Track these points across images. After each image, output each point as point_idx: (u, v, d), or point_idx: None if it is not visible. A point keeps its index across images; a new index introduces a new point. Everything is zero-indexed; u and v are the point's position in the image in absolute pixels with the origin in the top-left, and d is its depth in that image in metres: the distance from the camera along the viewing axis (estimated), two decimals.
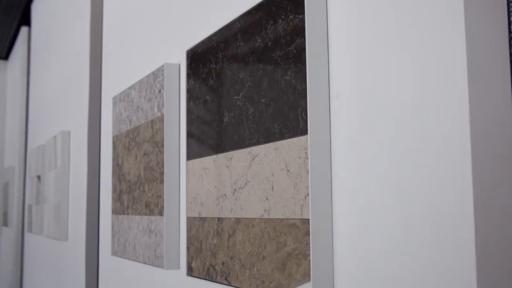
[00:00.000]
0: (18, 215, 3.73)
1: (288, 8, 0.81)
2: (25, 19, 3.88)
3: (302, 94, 0.77)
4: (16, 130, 4.00)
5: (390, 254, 0.64)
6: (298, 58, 0.78)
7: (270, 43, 0.85)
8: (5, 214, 4.30)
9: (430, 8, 0.60)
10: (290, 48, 0.80)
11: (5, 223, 4.28)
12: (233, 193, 0.94)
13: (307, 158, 0.75)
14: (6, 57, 4.90)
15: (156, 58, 1.38)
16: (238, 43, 0.95)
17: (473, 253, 0.54)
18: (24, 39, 3.88)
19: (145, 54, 1.48)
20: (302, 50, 0.77)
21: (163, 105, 1.23)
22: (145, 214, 1.32)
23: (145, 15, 1.51)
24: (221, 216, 0.98)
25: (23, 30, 3.91)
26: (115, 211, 1.57)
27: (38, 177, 2.92)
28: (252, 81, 0.90)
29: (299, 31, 0.78)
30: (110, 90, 1.79)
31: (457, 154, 0.56)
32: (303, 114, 0.76)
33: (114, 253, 1.57)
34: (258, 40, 0.89)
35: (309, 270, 0.74)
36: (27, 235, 3.48)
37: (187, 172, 1.12)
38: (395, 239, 0.64)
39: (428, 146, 0.59)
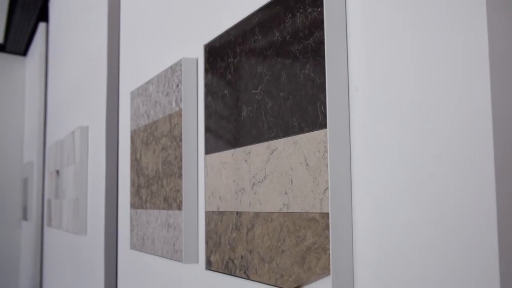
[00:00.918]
0: (38, 209, 3.76)
1: (307, 1, 0.80)
2: (43, 15, 3.90)
3: (321, 87, 0.77)
4: (35, 125, 4.03)
5: (410, 248, 0.64)
6: (316, 52, 0.78)
7: (288, 36, 0.85)
8: (25, 209, 4.35)
9: None
10: (308, 41, 0.80)
11: (25, 218, 4.32)
12: (252, 187, 0.94)
13: (326, 152, 0.75)
14: (24, 53, 4.94)
15: (174, 52, 1.39)
16: (256, 37, 0.95)
17: (496, 244, 0.53)
18: (42, 35, 3.91)
19: (162, 48, 1.49)
20: (320, 44, 0.77)
21: (181, 100, 1.23)
22: (164, 209, 1.32)
23: (163, 9, 1.51)
24: (239, 210, 0.98)
25: (41, 26, 3.94)
26: (133, 205, 1.58)
27: (57, 171, 2.94)
28: (270, 75, 0.90)
29: (318, 24, 0.78)
30: (127, 85, 1.80)
31: (479, 148, 0.55)
32: (322, 108, 0.76)
33: (133, 247, 1.58)
34: (276, 34, 0.88)
35: (329, 264, 0.73)
36: (47, 229, 3.51)
37: (206, 167, 1.12)
38: (414, 233, 0.63)
39: (449, 140, 0.59)
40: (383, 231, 0.68)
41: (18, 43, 4.65)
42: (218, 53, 1.09)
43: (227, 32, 1.06)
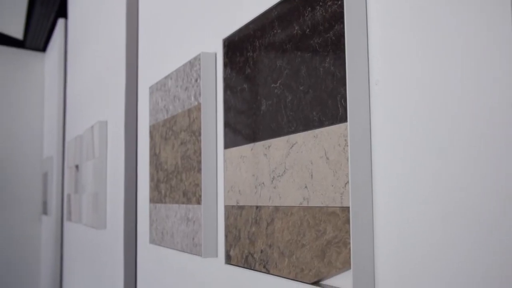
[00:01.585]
0: (57, 204, 3.79)
1: None
2: (62, 11, 3.93)
3: (341, 81, 0.76)
4: (54, 121, 4.06)
5: (431, 242, 0.63)
6: (337, 45, 0.77)
7: (308, 30, 0.85)
8: (45, 203, 4.39)
9: None
10: (328, 34, 0.79)
11: (45, 212, 4.36)
12: (272, 181, 0.94)
13: (347, 146, 0.74)
14: (43, 49, 4.97)
15: (192, 47, 1.39)
16: (275, 31, 0.95)
17: None
18: (61, 31, 3.93)
19: (181, 43, 1.49)
20: (341, 37, 0.76)
21: (200, 94, 1.23)
22: (183, 203, 1.33)
23: (181, 4, 1.51)
24: (259, 204, 0.98)
25: (60, 22, 3.96)
26: (152, 200, 1.59)
27: (76, 166, 2.96)
28: (290, 68, 0.89)
29: (338, 18, 0.77)
30: (146, 79, 1.80)
31: (504, 143, 0.55)
32: (343, 101, 0.76)
33: (152, 241, 1.59)
34: (296, 28, 0.88)
35: (349, 258, 0.73)
36: (66, 223, 3.54)
37: (225, 161, 1.12)
38: (435, 227, 0.63)
39: (472, 134, 0.58)
40: (404, 225, 0.68)
41: (38, 39, 4.68)
42: (237, 47, 1.09)
43: (246, 26, 1.06)
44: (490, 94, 0.56)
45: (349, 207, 0.73)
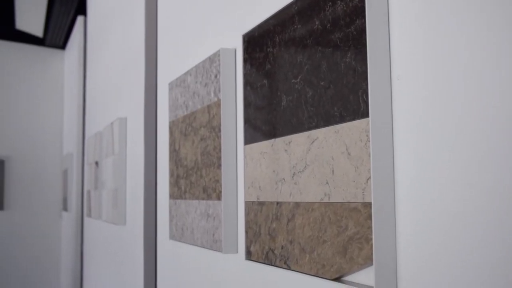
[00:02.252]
0: (77, 200, 3.82)
1: None
2: (81, 9, 3.95)
3: (362, 76, 0.76)
4: (74, 118, 4.09)
5: (455, 238, 0.63)
6: (358, 40, 0.77)
7: (328, 25, 0.84)
8: (65, 200, 4.42)
9: None
10: (349, 29, 0.79)
11: (65, 208, 4.40)
12: (292, 177, 0.94)
13: (369, 141, 0.74)
14: (63, 46, 5.01)
15: (212, 43, 1.39)
16: (295, 26, 0.95)
17: None
18: (81, 29, 3.95)
19: (200, 39, 1.49)
20: (362, 31, 0.76)
21: (219, 90, 1.23)
22: (203, 199, 1.33)
23: (200, 0, 1.51)
24: (280, 200, 0.98)
25: (79, 19, 3.99)
26: (172, 196, 1.59)
27: (96, 163, 2.98)
28: (310, 64, 0.89)
29: (359, 12, 0.77)
30: (165, 76, 1.81)
31: None
32: (364, 97, 0.75)
33: (172, 237, 1.60)
34: (316, 23, 0.88)
35: (372, 254, 0.73)
36: (86, 219, 3.56)
37: (245, 157, 1.12)
38: (459, 223, 0.62)
39: (496, 128, 0.58)
40: (427, 221, 0.67)
41: (57, 37, 4.72)
42: (256, 43, 1.09)
43: (266, 22, 1.05)
44: None
45: (371, 202, 0.73)
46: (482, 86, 0.60)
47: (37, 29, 4.58)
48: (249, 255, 1.10)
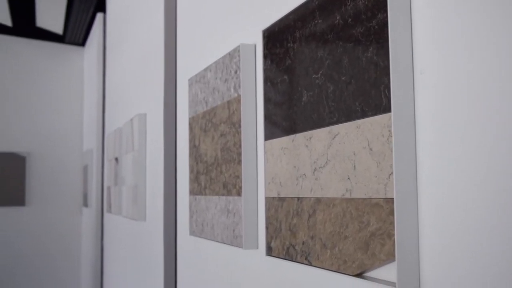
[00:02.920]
0: (98, 196, 3.85)
1: None
2: (101, 6, 3.97)
3: (384, 71, 0.75)
4: (94, 114, 4.12)
5: (478, 234, 0.62)
6: (380, 34, 0.76)
7: (350, 19, 0.84)
8: (85, 196, 4.45)
9: None
10: (371, 24, 0.78)
11: (86, 204, 4.43)
12: (313, 173, 0.94)
13: (391, 136, 0.73)
14: (83, 43, 5.04)
15: (232, 39, 1.39)
16: (316, 21, 0.94)
17: None
18: (100, 26, 3.98)
19: (220, 35, 1.49)
20: (384, 26, 0.75)
21: (239, 86, 1.23)
22: (223, 195, 1.33)
23: None
24: (300, 196, 0.98)
25: (99, 16, 4.01)
26: (192, 192, 1.60)
27: (116, 159, 2.99)
28: (331, 59, 0.89)
29: (381, 6, 0.76)
30: (185, 72, 1.81)
31: None
32: (386, 91, 0.75)
33: (192, 233, 1.60)
34: (337, 17, 0.87)
35: (394, 250, 0.72)
36: (106, 215, 3.59)
37: (265, 152, 1.12)
38: (482, 219, 0.61)
39: None
40: (450, 216, 0.66)
41: (77, 34, 4.75)
42: (277, 38, 1.09)
43: (286, 17, 1.05)
44: None
45: (393, 198, 0.73)
46: (508, 81, 0.59)
47: (57, 27, 4.61)
48: (269, 251, 1.10)
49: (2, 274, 4.57)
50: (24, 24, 4.54)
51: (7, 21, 4.43)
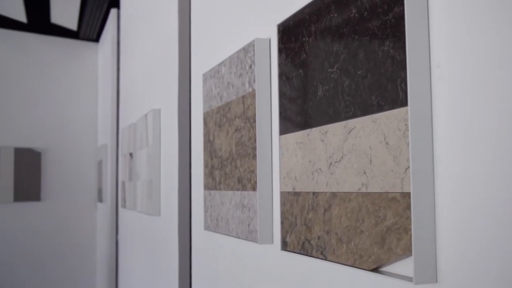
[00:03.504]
0: (112, 191, 3.86)
1: None
2: (115, 1, 3.98)
3: (401, 64, 0.75)
4: (108, 109, 4.13)
5: (496, 229, 0.62)
6: (396, 27, 0.76)
7: (366, 13, 0.83)
8: (100, 191, 4.48)
9: None
10: (387, 17, 0.78)
11: (100, 199, 4.45)
12: (329, 167, 0.93)
13: (407, 130, 0.73)
14: (97, 39, 5.06)
15: (246, 33, 1.38)
16: (331, 15, 0.94)
17: None
18: (114, 21, 3.99)
19: (234, 30, 1.49)
20: (400, 19, 0.75)
21: (254, 81, 1.23)
22: (238, 189, 1.33)
23: None
24: (316, 190, 0.98)
25: (113, 12, 4.02)
26: (207, 187, 1.60)
27: (130, 154, 3.01)
28: (347, 53, 0.88)
29: None
30: (199, 67, 1.81)
31: None
32: (403, 85, 0.74)
33: (207, 227, 1.60)
34: (353, 11, 0.87)
35: (411, 244, 0.72)
36: (121, 210, 3.60)
37: (280, 147, 1.12)
38: (500, 213, 0.61)
39: None
40: (467, 211, 0.66)
41: (91, 30, 4.76)
42: (292, 32, 1.08)
43: (301, 11, 1.05)
44: None
45: (410, 192, 0.72)
46: None
47: (72, 23, 4.63)
48: (285, 246, 1.10)
49: (19, 269, 4.61)
50: (38, 20, 4.56)
51: (22, 18, 4.45)
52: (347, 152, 0.88)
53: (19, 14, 4.36)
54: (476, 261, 0.65)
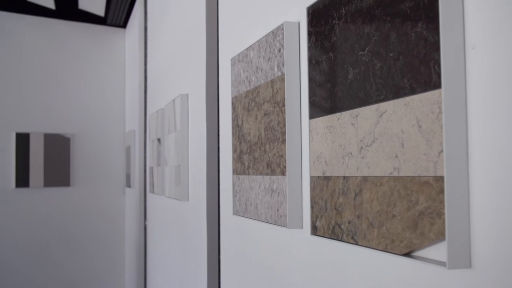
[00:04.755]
0: (140, 176, 3.89)
1: None
2: None
3: (434, 46, 0.73)
4: (136, 95, 4.15)
5: None
6: (430, 8, 0.74)
7: None
8: (128, 176, 4.51)
9: None
10: None
11: (128, 185, 4.49)
12: (360, 151, 0.92)
13: (441, 113, 0.72)
14: (124, 25, 5.08)
15: (275, 17, 1.37)
16: None
17: None
18: (141, 7, 3.99)
19: (262, 13, 1.48)
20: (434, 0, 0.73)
21: (283, 65, 1.22)
22: (267, 174, 1.33)
23: None
24: (346, 174, 0.97)
25: None
26: (235, 171, 1.60)
27: (158, 140, 3.02)
28: (378, 35, 0.87)
29: None
30: (227, 51, 1.81)
31: None
32: (436, 67, 0.73)
33: (236, 212, 1.60)
34: None
35: (444, 229, 0.71)
36: (149, 195, 3.63)
37: (310, 131, 1.11)
38: None
39: None
40: (502, 195, 0.65)
41: (118, 15, 4.78)
42: (321, 15, 1.07)
43: None
44: None
45: (443, 176, 0.71)
46: None
47: (99, 9, 4.65)
48: (314, 230, 1.09)
49: (49, 253, 4.68)
50: (67, 7, 4.59)
51: (51, 4, 4.48)
52: (378, 135, 0.87)
53: (48, 1, 4.39)
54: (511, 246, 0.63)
